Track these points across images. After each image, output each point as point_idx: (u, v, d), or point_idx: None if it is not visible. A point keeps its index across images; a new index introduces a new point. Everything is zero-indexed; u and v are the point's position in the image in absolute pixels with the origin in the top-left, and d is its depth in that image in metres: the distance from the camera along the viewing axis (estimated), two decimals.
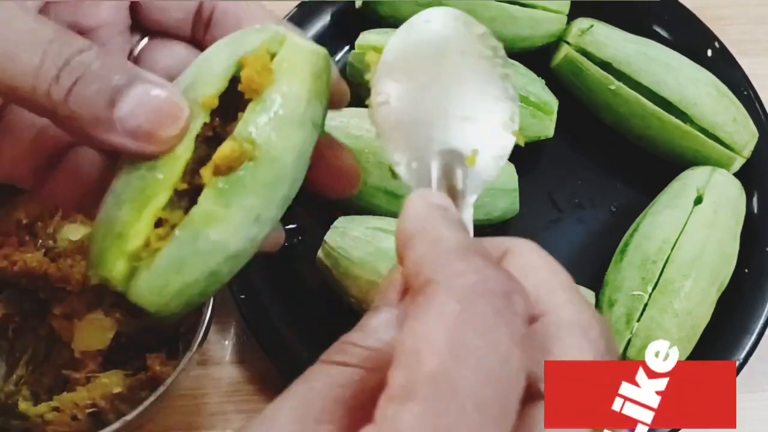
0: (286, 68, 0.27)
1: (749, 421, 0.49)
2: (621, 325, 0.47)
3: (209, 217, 0.25)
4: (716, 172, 0.52)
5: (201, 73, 0.27)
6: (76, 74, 0.24)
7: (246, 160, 0.25)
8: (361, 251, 0.47)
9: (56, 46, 0.24)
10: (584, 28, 0.56)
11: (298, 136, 0.27)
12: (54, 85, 0.24)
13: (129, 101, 0.24)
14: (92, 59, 0.25)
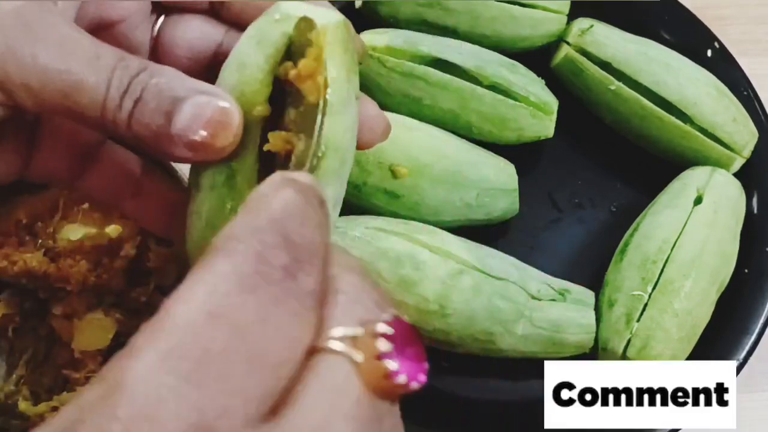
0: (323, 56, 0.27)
1: (749, 421, 0.49)
2: (621, 325, 0.47)
3: None
4: (716, 172, 0.52)
5: (243, 80, 0.27)
6: (135, 97, 0.25)
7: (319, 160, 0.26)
8: (361, 251, 0.47)
9: (118, 72, 0.26)
10: (584, 28, 0.56)
11: (348, 115, 0.28)
12: (118, 113, 0.25)
13: (184, 115, 0.25)
14: (148, 79, 0.26)
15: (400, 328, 0.21)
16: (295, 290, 0.20)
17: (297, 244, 0.20)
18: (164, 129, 0.25)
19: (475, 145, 0.53)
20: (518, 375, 0.50)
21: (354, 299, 0.21)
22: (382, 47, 0.53)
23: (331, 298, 0.21)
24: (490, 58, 0.54)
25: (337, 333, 0.20)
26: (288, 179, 0.22)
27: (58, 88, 0.25)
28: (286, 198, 0.22)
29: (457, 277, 0.46)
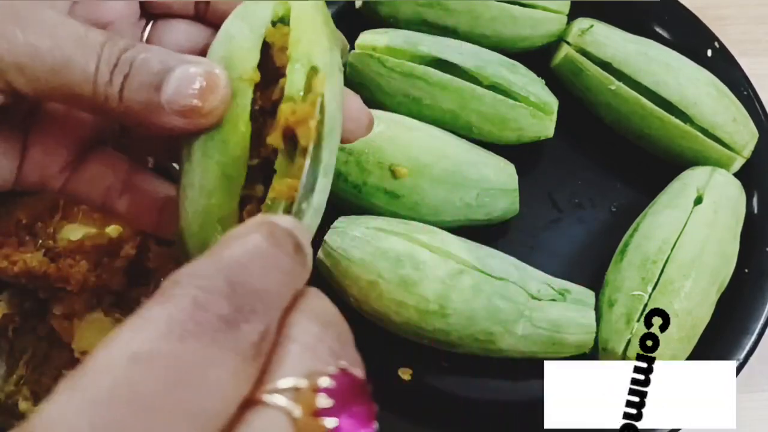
0: (303, 25, 0.28)
1: (749, 421, 0.49)
2: (621, 325, 0.47)
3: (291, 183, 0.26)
4: (716, 172, 0.52)
5: (232, 50, 0.28)
6: (124, 71, 0.26)
7: None
8: (361, 251, 0.47)
9: (107, 49, 0.26)
10: (584, 28, 0.56)
11: (335, 82, 0.28)
12: (108, 87, 0.26)
13: (171, 83, 0.26)
14: (136, 54, 0.26)
15: (347, 383, 0.20)
16: (234, 341, 0.19)
17: (244, 292, 0.20)
18: (154, 99, 0.26)
19: (475, 145, 0.53)
20: (518, 375, 0.50)
21: (306, 349, 0.20)
22: (382, 47, 0.53)
23: (281, 348, 0.20)
24: (490, 58, 0.54)
25: (278, 385, 0.19)
26: (265, 223, 0.22)
27: (49, 66, 0.26)
28: (251, 243, 0.21)
29: (457, 277, 0.46)
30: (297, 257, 0.22)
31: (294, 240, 0.22)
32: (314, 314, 0.22)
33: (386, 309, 0.46)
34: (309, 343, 0.21)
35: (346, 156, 0.50)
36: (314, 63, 0.27)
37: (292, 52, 0.27)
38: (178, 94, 0.26)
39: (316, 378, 0.20)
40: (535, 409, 0.46)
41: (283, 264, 0.21)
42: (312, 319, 0.22)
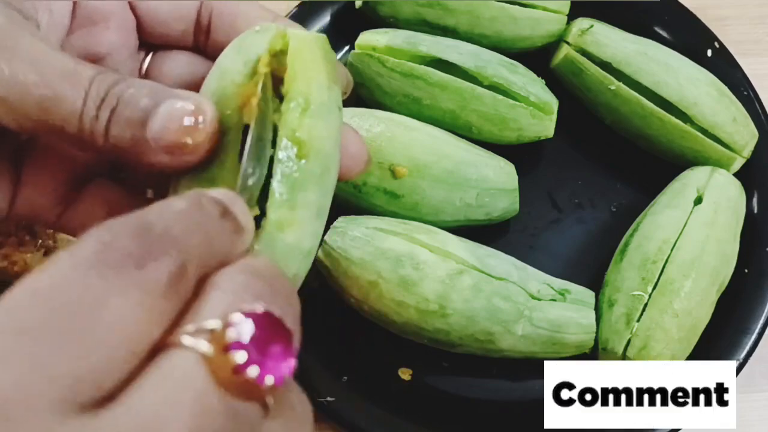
0: (301, 61, 0.27)
1: (749, 421, 0.49)
2: (621, 325, 0.47)
3: (280, 223, 0.26)
4: (716, 172, 0.52)
5: (224, 85, 0.27)
6: (111, 106, 0.25)
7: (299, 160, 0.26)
8: (361, 251, 0.47)
9: (95, 84, 0.26)
10: (584, 28, 0.56)
11: (332, 122, 0.28)
12: (95, 123, 0.25)
13: (158, 119, 0.25)
14: (124, 89, 0.26)
15: (263, 321, 0.20)
16: (139, 277, 0.19)
17: (156, 235, 0.20)
18: (140, 135, 0.25)
19: (475, 145, 0.53)
20: (518, 375, 0.50)
21: (227, 294, 0.20)
22: (382, 47, 0.53)
23: (203, 294, 0.20)
24: (490, 58, 0.54)
25: (191, 327, 0.19)
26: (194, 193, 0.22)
27: (36, 101, 0.25)
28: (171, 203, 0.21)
29: (457, 277, 0.46)
30: (224, 221, 0.22)
31: (221, 206, 0.22)
32: (245, 267, 0.22)
33: (386, 309, 0.46)
34: (232, 288, 0.20)
35: None
36: (310, 101, 0.27)
37: (288, 90, 0.27)
38: (164, 130, 0.25)
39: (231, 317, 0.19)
40: (535, 409, 0.46)
41: (203, 222, 0.21)
42: (242, 270, 0.21)
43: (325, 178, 0.27)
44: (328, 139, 0.27)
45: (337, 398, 0.47)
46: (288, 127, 0.26)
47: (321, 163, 0.27)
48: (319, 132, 0.27)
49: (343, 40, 0.59)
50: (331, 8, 0.59)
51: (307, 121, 0.27)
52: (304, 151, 0.26)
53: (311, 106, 0.27)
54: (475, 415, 0.49)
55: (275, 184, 0.26)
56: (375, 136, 0.50)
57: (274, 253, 0.26)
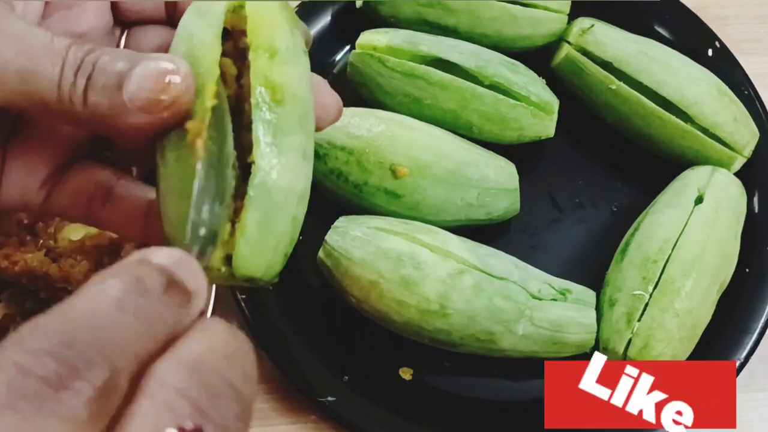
0: (261, 11, 0.28)
1: (749, 421, 0.49)
2: (622, 324, 0.47)
3: (270, 168, 0.26)
4: (717, 172, 0.52)
5: (193, 46, 0.28)
6: (87, 73, 0.26)
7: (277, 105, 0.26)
8: (362, 251, 0.47)
9: (71, 53, 0.26)
10: (585, 27, 0.56)
11: (301, 65, 0.28)
12: (73, 90, 0.26)
13: (133, 80, 0.25)
14: (99, 55, 0.26)
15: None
16: (60, 405, 0.17)
17: (82, 346, 0.18)
18: (117, 98, 0.25)
19: (475, 145, 0.53)
20: (519, 375, 0.50)
21: (159, 406, 0.19)
22: (382, 47, 0.53)
23: (134, 405, 0.19)
24: (491, 57, 0.54)
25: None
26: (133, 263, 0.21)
27: (15, 72, 0.26)
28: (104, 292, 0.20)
29: (457, 276, 0.46)
30: (167, 298, 0.20)
31: (165, 276, 0.21)
32: (183, 361, 0.20)
33: (387, 309, 0.46)
34: (165, 399, 0.19)
35: (346, 156, 0.50)
36: (277, 47, 0.27)
37: (252, 40, 0.27)
38: (140, 89, 0.25)
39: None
40: (535, 409, 0.46)
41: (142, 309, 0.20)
42: (178, 368, 0.20)
43: (305, 122, 0.28)
44: (301, 83, 0.27)
45: (337, 398, 0.47)
46: (259, 74, 0.27)
47: (299, 107, 0.27)
48: (291, 76, 0.27)
49: (344, 40, 0.59)
50: (331, 8, 0.59)
51: (277, 66, 0.27)
52: (279, 96, 0.27)
53: (278, 52, 0.27)
54: (476, 415, 0.49)
55: (258, 133, 0.26)
56: (376, 135, 0.50)
57: (270, 200, 0.26)
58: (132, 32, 0.34)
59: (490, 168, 0.51)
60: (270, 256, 0.26)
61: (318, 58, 0.59)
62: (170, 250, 0.22)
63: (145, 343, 0.20)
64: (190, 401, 0.19)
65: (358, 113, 0.52)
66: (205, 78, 0.27)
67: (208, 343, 0.21)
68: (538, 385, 0.46)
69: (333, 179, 0.50)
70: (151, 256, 0.21)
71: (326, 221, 0.49)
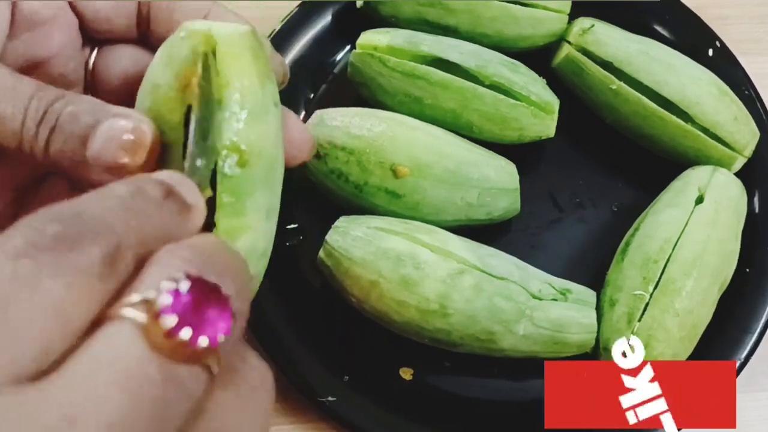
0: (229, 64, 0.27)
1: (749, 421, 0.49)
2: (622, 324, 0.47)
3: (231, 231, 0.26)
4: (717, 172, 0.52)
5: (157, 101, 0.27)
6: (50, 125, 0.26)
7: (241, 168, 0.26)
8: (363, 251, 0.47)
9: (35, 102, 0.26)
10: (585, 27, 0.56)
11: (270, 122, 0.28)
12: (34, 141, 0.26)
13: (98, 138, 0.25)
14: (63, 107, 0.26)
15: (195, 287, 0.20)
16: (71, 258, 0.19)
17: (87, 219, 0.20)
18: (80, 154, 0.25)
19: (476, 145, 0.53)
20: (519, 375, 0.50)
21: (165, 268, 0.20)
22: (383, 47, 0.53)
23: (143, 270, 0.20)
24: (491, 57, 0.54)
25: (129, 300, 0.19)
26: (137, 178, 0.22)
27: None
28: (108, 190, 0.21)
29: (458, 276, 0.46)
30: (167, 202, 0.22)
31: (165, 187, 0.22)
32: (189, 243, 0.21)
33: (387, 308, 0.47)
34: (171, 263, 0.20)
35: (347, 156, 0.50)
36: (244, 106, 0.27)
37: (220, 98, 0.27)
38: (105, 150, 0.25)
39: (165, 286, 0.20)
40: (535, 409, 0.46)
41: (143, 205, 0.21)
42: (185, 246, 0.21)
43: (271, 179, 0.28)
44: (268, 140, 0.27)
45: (338, 398, 0.47)
46: (225, 137, 0.26)
47: (264, 166, 0.27)
48: (257, 136, 0.27)
49: (344, 40, 0.59)
50: (331, 8, 0.59)
51: (244, 128, 0.27)
52: (244, 158, 0.26)
53: (245, 112, 0.27)
54: (476, 415, 0.49)
55: (221, 195, 0.26)
56: (376, 135, 0.50)
57: None
58: (102, 51, 0.33)
59: (490, 168, 0.51)
60: None
61: (318, 58, 0.59)
62: (169, 171, 0.23)
63: (148, 233, 0.21)
64: (193, 262, 0.20)
65: (358, 113, 0.52)
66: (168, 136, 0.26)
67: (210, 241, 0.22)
68: (538, 385, 0.46)
69: (333, 179, 0.50)
70: (151, 174, 0.23)
71: (326, 221, 0.49)
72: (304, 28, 0.58)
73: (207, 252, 0.22)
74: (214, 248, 0.22)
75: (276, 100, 0.29)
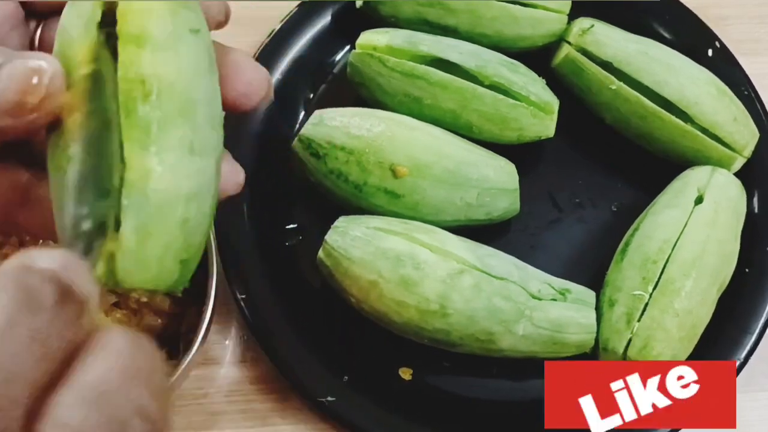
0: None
1: (749, 421, 0.49)
2: (621, 324, 0.47)
3: (144, 172, 0.24)
4: (717, 172, 0.52)
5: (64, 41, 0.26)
6: None
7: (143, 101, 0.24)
8: (362, 251, 0.47)
9: None
10: (585, 27, 0.56)
11: (185, 50, 0.25)
12: None
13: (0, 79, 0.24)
14: None
15: None
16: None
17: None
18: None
19: (475, 145, 0.53)
20: (519, 375, 0.50)
21: None
22: (382, 47, 0.53)
23: None
24: (491, 57, 0.54)
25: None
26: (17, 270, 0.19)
27: None
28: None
29: (457, 276, 0.46)
30: (62, 308, 0.19)
31: (56, 285, 0.19)
32: (85, 390, 0.18)
33: (387, 309, 0.46)
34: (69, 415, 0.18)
35: (346, 156, 0.50)
36: (147, 34, 0.25)
37: (120, 28, 0.24)
38: (3, 90, 0.24)
39: None
40: (535, 409, 0.46)
41: (36, 327, 0.18)
42: (80, 401, 0.18)
43: (192, 111, 0.25)
44: (182, 70, 0.25)
45: (337, 398, 0.47)
46: (125, 67, 0.24)
47: (179, 97, 0.25)
48: (165, 65, 0.25)
49: (344, 40, 0.59)
50: (331, 8, 0.59)
51: (147, 57, 0.24)
52: (147, 89, 0.24)
53: (149, 39, 0.25)
54: (476, 415, 0.49)
55: (125, 133, 0.24)
56: (376, 135, 0.50)
57: (146, 206, 0.24)
58: (48, 24, 0.32)
59: (490, 168, 0.51)
60: (157, 267, 0.24)
61: (317, 58, 0.59)
62: (54, 252, 0.20)
63: (42, 366, 0.18)
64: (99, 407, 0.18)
65: (358, 113, 0.52)
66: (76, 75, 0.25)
67: (110, 362, 0.19)
68: (538, 385, 0.46)
69: (333, 179, 0.50)
70: (35, 260, 0.19)
71: (326, 221, 0.49)
72: (303, 28, 0.58)
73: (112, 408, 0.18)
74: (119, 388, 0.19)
75: (194, 28, 0.26)
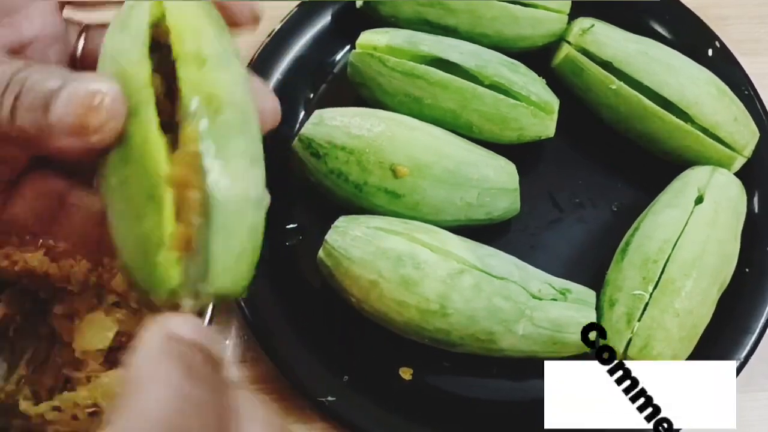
0: (183, 20, 0.27)
1: (749, 421, 0.49)
2: (622, 324, 0.47)
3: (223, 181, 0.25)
4: (717, 172, 0.52)
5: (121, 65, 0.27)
6: (15, 92, 0.25)
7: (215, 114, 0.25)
8: (362, 251, 0.47)
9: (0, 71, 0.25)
10: (585, 27, 0.56)
11: (233, 69, 0.27)
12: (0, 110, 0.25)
13: (59, 102, 0.25)
14: (27, 75, 0.25)
15: None
16: None
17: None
18: (43, 119, 0.25)
19: (475, 145, 0.53)
20: (519, 375, 0.50)
21: None
22: (382, 47, 0.53)
23: None
24: (491, 57, 0.54)
25: None
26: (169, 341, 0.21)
27: None
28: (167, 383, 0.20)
29: (457, 276, 0.46)
30: (213, 371, 0.21)
31: (203, 352, 0.21)
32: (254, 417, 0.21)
33: (387, 308, 0.46)
34: None
35: (346, 156, 0.50)
36: (204, 55, 0.26)
37: (178, 51, 0.26)
38: (66, 112, 0.24)
39: None
40: (535, 409, 0.46)
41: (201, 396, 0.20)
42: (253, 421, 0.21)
43: (248, 127, 0.27)
44: (236, 87, 0.27)
45: (337, 398, 0.47)
46: (191, 85, 0.26)
47: (238, 112, 0.26)
48: (224, 82, 0.26)
49: (344, 40, 0.59)
50: (331, 8, 0.59)
51: (209, 75, 0.26)
52: (216, 104, 0.26)
53: (207, 60, 0.26)
54: (476, 415, 0.49)
55: (202, 146, 0.25)
56: (376, 135, 0.50)
57: (225, 212, 0.25)
58: (91, 33, 0.33)
59: (490, 168, 0.51)
60: (238, 272, 0.26)
61: (317, 58, 0.59)
62: (187, 319, 0.22)
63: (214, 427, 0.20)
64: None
65: (358, 113, 0.52)
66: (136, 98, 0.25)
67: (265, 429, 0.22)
68: (538, 385, 0.46)
69: (333, 179, 0.50)
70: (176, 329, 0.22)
71: (326, 221, 0.49)
72: (303, 28, 0.58)
73: None
74: None
75: (236, 53, 0.28)
